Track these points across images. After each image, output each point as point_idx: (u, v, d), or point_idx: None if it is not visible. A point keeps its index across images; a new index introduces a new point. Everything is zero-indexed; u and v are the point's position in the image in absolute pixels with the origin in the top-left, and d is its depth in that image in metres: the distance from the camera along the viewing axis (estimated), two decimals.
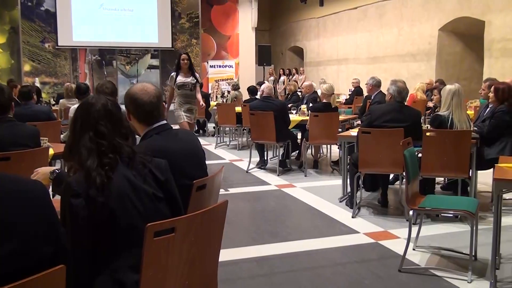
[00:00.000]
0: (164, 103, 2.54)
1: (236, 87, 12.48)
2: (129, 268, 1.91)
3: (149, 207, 2.02)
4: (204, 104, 7.61)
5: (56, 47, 17.04)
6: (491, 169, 4.60)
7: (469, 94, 10.52)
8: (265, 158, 8.01)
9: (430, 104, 10.21)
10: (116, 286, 1.89)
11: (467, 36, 12.86)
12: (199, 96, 7.28)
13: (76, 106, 3.99)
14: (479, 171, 5.40)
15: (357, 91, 12.39)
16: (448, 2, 12.43)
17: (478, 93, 8.62)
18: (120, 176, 1.99)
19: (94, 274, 1.91)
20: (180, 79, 7.15)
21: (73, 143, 2.06)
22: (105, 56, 17.85)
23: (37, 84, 14.57)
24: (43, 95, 14.17)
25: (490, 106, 5.51)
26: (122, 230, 1.94)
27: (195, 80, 7.23)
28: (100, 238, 1.91)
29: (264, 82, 10.32)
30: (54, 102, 12.68)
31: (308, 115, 7.62)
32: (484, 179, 6.08)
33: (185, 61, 7.17)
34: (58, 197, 1.92)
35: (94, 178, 1.91)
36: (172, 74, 7.34)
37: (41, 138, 4.31)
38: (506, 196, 5.41)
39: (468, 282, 3.54)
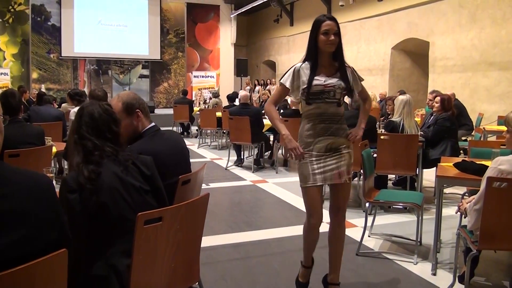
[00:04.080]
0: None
1: (216, 95, 12.41)
2: (122, 253, 1.88)
3: (137, 199, 1.99)
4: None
5: (60, 57, 16.84)
6: (434, 168, 4.68)
7: (416, 103, 10.68)
8: (242, 157, 7.99)
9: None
10: (111, 270, 1.87)
11: (415, 54, 13.05)
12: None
13: (76, 109, 3.93)
14: (424, 169, 5.47)
15: None
16: (399, 25, 12.60)
17: (424, 103, 8.78)
18: (109, 172, 1.96)
19: (92, 260, 1.88)
20: (319, 79, 2.78)
21: (68, 144, 2.08)
22: (102, 66, 17.67)
23: (43, 90, 14.33)
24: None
25: (434, 114, 5.60)
26: (114, 220, 1.91)
27: (349, 83, 2.84)
28: (95, 228, 1.88)
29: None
30: (57, 106, 12.45)
31: None
32: (429, 176, 6.19)
33: (331, 37, 2.71)
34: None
35: (82, 172, 1.89)
36: (297, 65, 2.83)
37: (45, 137, 4.24)
38: (446, 190, 5.52)
39: (414, 264, 3.58)
